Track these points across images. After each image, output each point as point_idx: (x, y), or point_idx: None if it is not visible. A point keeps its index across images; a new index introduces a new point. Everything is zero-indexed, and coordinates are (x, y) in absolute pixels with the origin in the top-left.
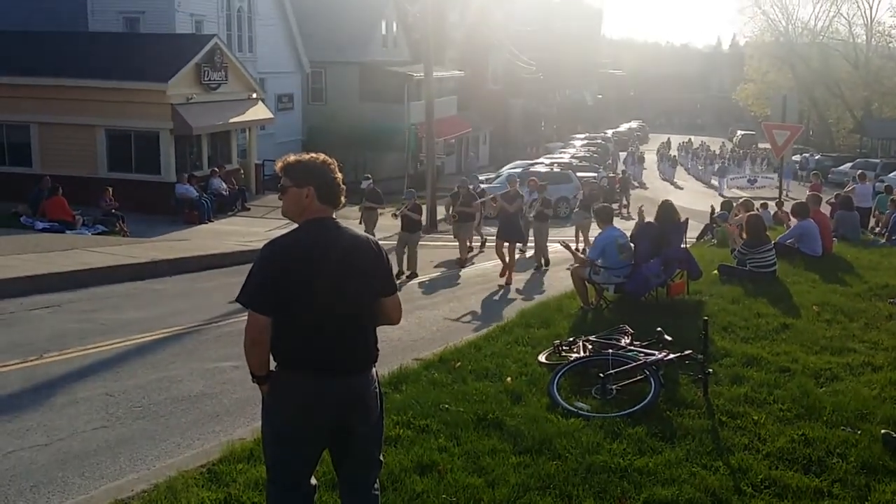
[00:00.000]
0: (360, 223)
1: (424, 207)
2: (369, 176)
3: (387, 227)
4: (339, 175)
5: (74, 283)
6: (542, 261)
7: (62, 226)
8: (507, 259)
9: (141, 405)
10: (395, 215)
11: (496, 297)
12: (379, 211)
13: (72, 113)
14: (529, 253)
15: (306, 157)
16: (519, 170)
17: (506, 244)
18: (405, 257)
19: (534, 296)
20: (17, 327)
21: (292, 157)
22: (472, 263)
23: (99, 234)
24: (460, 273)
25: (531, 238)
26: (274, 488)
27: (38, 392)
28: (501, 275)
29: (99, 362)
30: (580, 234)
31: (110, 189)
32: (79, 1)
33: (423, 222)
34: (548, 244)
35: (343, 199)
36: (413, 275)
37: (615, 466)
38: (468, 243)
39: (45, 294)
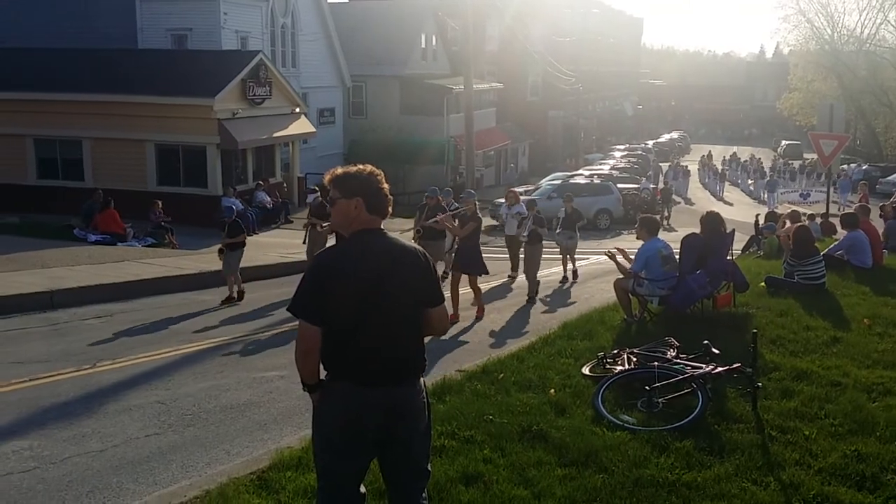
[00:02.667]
0: (305, 242)
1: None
2: (316, 188)
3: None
4: (386, 186)
5: (125, 293)
6: (533, 291)
7: (114, 238)
8: (458, 297)
9: (191, 413)
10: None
11: (532, 312)
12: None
13: (122, 128)
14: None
15: (354, 168)
16: (558, 181)
17: (464, 276)
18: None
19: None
20: (71, 336)
21: (340, 170)
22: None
23: (149, 246)
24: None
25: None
26: (324, 496)
27: (92, 399)
28: (453, 317)
29: (150, 371)
30: (566, 257)
31: (159, 202)
32: (129, 19)
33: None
34: (538, 273)
35: (390, 209)
36: None
37: (663, 480)
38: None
39: (98, 304)
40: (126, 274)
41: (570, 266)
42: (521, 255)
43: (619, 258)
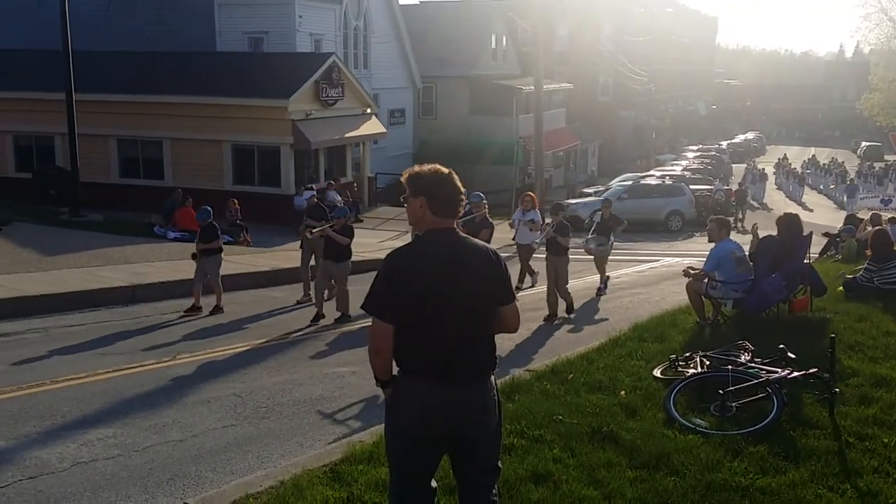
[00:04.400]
0: (301, 246)
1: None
2: (312, 187)
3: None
4: (455, 186)
5: (202, 289)
6: (566, 306)
7: (191, 235)
8: None
9: (266, 406)
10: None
11: (603, 313)
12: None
13: (201, 129)
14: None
15: (425, 168)
16: (629, 182)
17: None
18: None
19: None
20: (152, 330)
21: (415, 168)
22: None
23: (224, 243)
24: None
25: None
26: (396, 489)
27: (172, 391)
28: None
29: (227, 364)
30: (598, 266)
31: (235, 201)
32: (208, 23)
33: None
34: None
35: (460, 211)
36: (344, 316)
37: (736, 485)
38: None
39: (176, 300)
40: None
41: (598, 276)
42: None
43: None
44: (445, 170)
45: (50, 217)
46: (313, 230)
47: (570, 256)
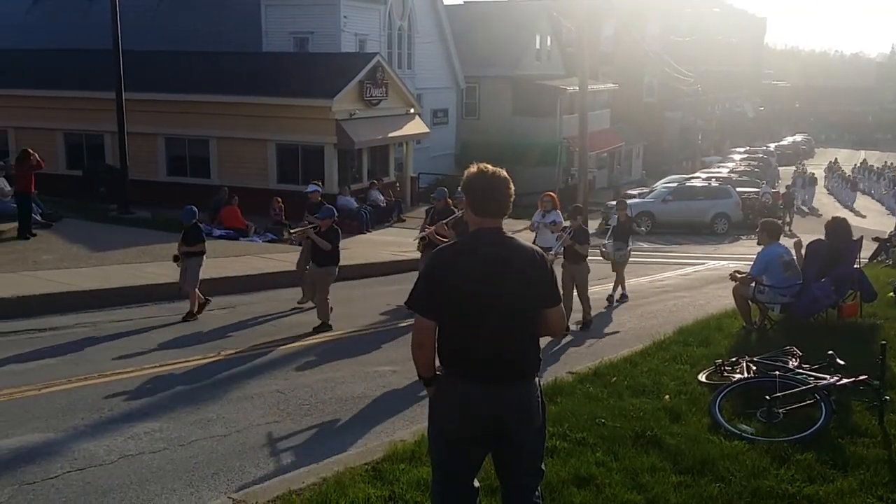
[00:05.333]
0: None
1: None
2: (318, 183)
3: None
4: (499, 186)
5: (247, 286)
6: (583, 319)
7: (236, 233)
8: None
9: (308, 403)
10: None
11: (646, 316)
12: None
13: (246, 128)
14: None
15: (473, 168)
16: (674, 184)
17: None
18: None
19: None
20: (198, 326)
21: (468, 168)
22: None
23: (269, 241)
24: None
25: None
26: (438, 488)
27: (217, 386)
28: None
29: (270, 361)
30: (617, 273)
31: (279, 199)
32: (255, 23)
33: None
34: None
35: (505, 210)
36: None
37: (783, 493)
38: None
39: (222, 296)
40: (247, 268)
41: (617, 285)
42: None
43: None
44: (491, 169)
45: (99, 214)
46: (292, 230)
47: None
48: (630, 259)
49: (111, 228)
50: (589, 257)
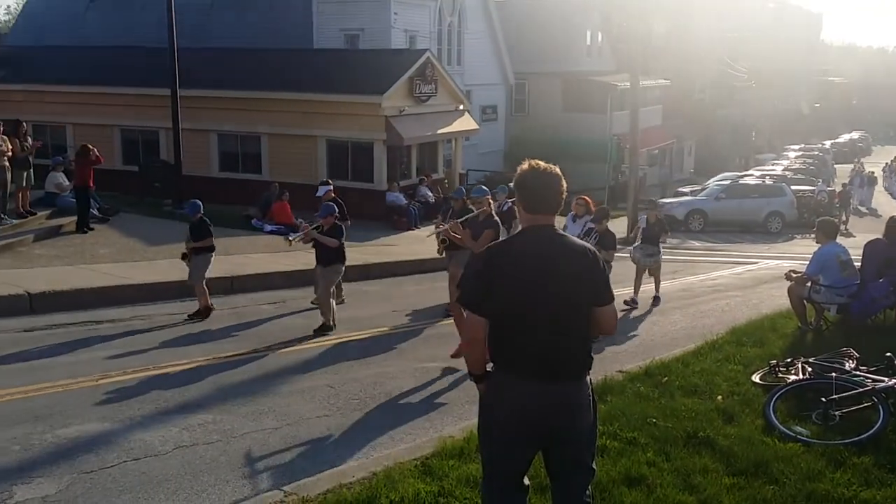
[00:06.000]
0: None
1: (625, 220)
2: (328, 181)
3: None
4: (548, 183)
5: (296, 281)
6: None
7: (287, 229)
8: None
9: (358, 398)
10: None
11: (699, 316)
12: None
13: (297, 124)
14: None
15: (527, 165)
16: (727, 182)
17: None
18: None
19: None
20: (249, 320)
21: (524, 164)
22: None
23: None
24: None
25: None
26: (488, 485)
27: (268, 380)
28: (456, 355)
29: (320, 356)
30: (641, 276)
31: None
32: (306, 20)
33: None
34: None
35: (557, 207)
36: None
37: (838, 497)
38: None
39: (272, 291)
40: (297, 263)
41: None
42: None
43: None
44: (543, 165)
45: (154, 208)
46: (290, 238)
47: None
48: (662, 261)
49: (165, 223)
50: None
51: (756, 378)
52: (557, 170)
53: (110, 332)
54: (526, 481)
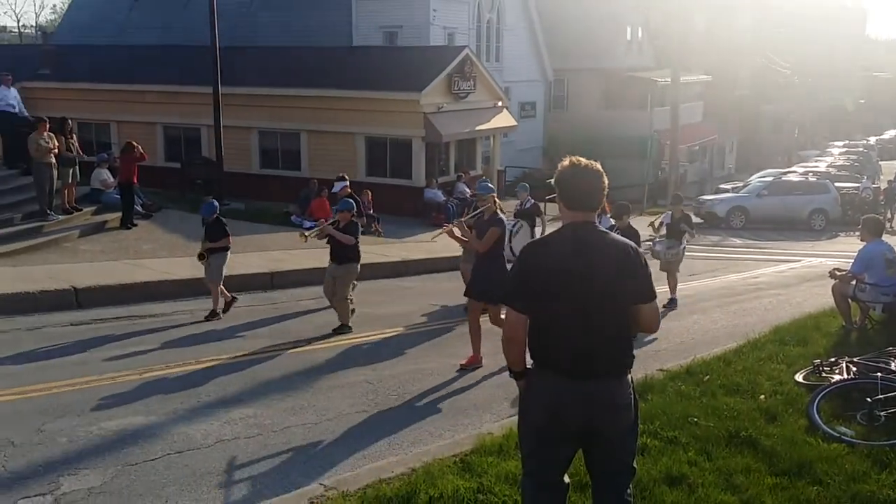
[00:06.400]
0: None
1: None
2: (344, 177)
3: None
4: (588, 179)
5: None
6: None
7: None
8: (479, 331)
9: (396, 394)
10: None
11: (741, 314)
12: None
13: (336, 121)
14: None
15: (567, 161)
16: (769, 178)
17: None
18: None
19: None
20: (289, 316)
21: (564, 160)
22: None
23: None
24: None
25: None
26: (528, 482)
27: (308, 375)
28: (469, 362)
29: (359, 352)
30: (668, 276)
31: (369, 192)
32: (345, 18)
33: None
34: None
35: (598, 204)
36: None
37: (884, 498)
38: None
39: (311, 287)
40: None
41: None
42: None
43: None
44: (584, 162)
45: (196, 205)
46: (306, 233)
47: (709, 254)
48: (683, 258)
49: None
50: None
51: (799, 377)
52: (598, 166)
53: (153, 326)
54: (566, 479)
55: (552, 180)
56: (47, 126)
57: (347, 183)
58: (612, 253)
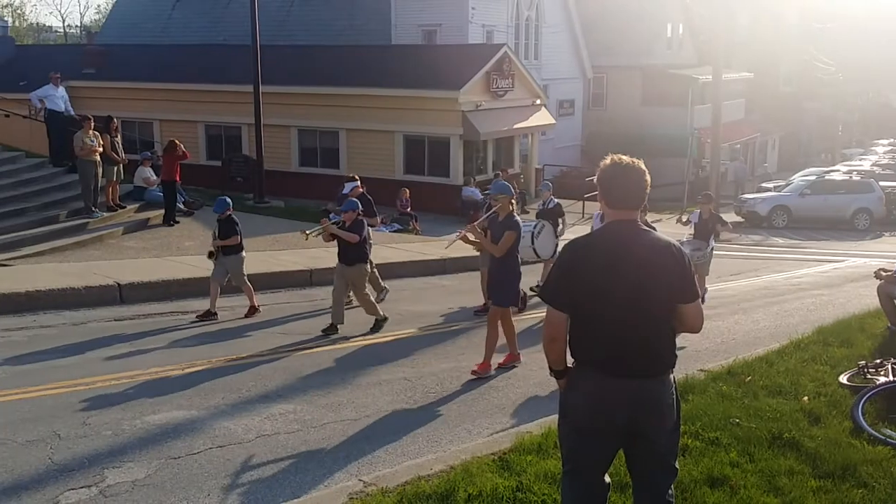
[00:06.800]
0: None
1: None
2: (355, 177)
3: None
4: (631, 178)
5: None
6: None
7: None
8: (496, 335)
9: (435, 391)
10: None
11: (783, 314)
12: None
13: (374, 120)
14: None
15: (610, 159)
16: (812, 177)
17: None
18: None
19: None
20: (327, 315)
21: (607, 158)
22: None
23: (395, 231)
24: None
25: None
26: (568, 481)
27: (347, 372)
28: (481, 368)
29: (397, 349)
30: (702, 277)
31: (407, 190)
32: (384, 17)
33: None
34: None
35: (640, 202)
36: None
37: None
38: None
39: None
40: (375, 257)
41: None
42: None
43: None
44: (627, 160)
45: (236, 203)
46: (308, 232)
47: (753, 253)
48: (711, 259)
49: (247, 217)
50: None
51: (843, 379)
52: (642, 165)
53: (194, 322)
54: (607, 479)
55: (594, 178)
56: (92, 124)
57: (358, 183)
58: (654, 252)
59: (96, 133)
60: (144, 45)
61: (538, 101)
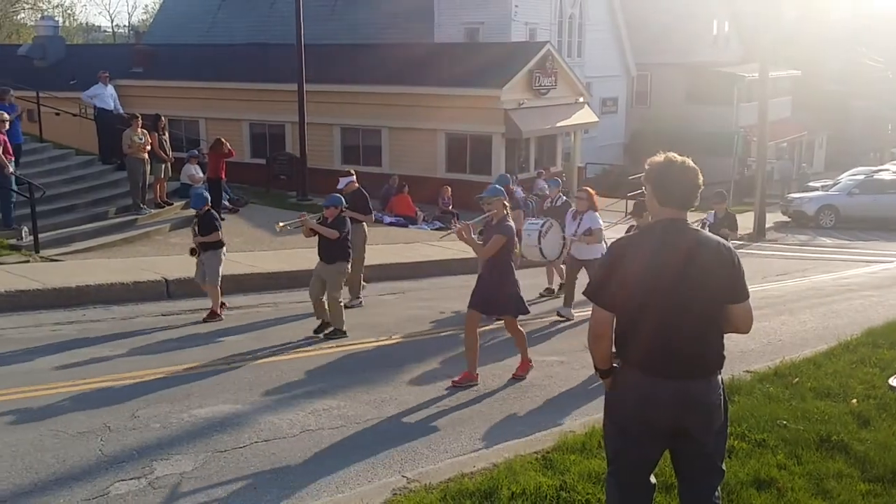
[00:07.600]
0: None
1: (751, 215)
2: (351, 172)
3: None
4: (683, 176)
5: (415, 272)
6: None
7: (406, 221)
8: (475, 345)
9: (477, 390)
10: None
11: (831, 315)
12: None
13: (417, 118)
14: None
15: (658, 156)
16: (860, 176)
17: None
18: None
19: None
20: (371, 310)
21: (657, 156)
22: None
23: (436, 229)
24: None
25: None
26: (614, 481)
27: (389, 369)
28: (467, 377)
29: (437, 347)
30: None
31: (449, 188)
32: (427, 15)
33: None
34: None
35: (691, 202)
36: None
37: None
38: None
39: (392, 281)
40: (416, 255)
41: None
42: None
43: None
44: (679, 158)
45: (280, 200)
46: (281, 224)
47: (800, 253)
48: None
49: (291, 214)
50: None
51: (893, 381)
52: (692, 163)
53: (239, 319)
54: (652, 479)
55: (641, 176)
56: (140, 122)
57: (353, 178)
58: (703, 251)
59: (144, 131)
60: (190, 45)
61: (581, 99)
